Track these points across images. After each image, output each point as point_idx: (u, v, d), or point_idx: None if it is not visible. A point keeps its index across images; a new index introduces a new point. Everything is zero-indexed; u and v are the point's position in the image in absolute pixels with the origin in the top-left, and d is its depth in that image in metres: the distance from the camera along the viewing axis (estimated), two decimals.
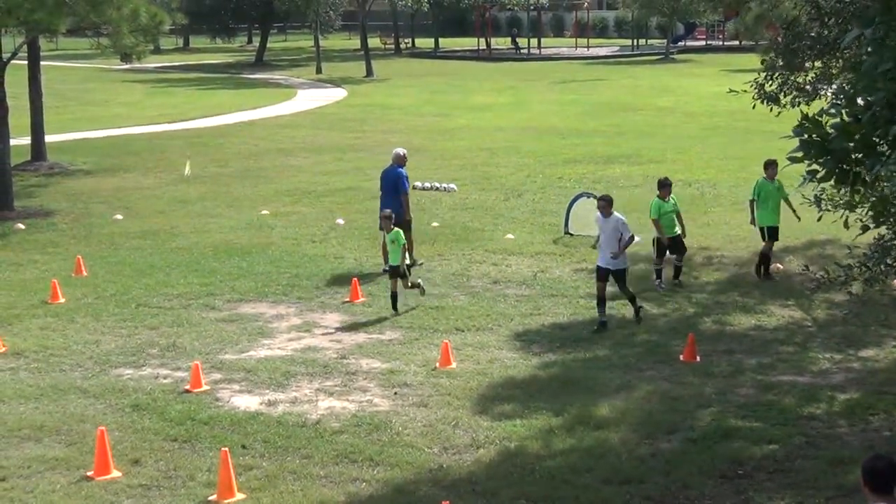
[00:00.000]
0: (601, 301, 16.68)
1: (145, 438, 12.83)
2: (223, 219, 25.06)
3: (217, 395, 14.22)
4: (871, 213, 11.04)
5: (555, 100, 49.65)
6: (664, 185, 18.96)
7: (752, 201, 19.33)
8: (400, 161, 20.66)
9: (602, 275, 16.70)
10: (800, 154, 9.47)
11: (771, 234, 19.12)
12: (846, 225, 11.28)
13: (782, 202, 19.09)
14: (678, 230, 18.94)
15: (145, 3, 26.44)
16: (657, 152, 33.55)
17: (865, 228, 11.49)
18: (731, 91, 18.94)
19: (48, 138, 33.20)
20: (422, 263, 20.36)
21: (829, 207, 12.44)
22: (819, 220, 13.19)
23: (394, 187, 20.32)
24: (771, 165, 18.86)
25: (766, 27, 28.20)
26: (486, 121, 42.21)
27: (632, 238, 16.83)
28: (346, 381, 14.67)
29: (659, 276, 18.97)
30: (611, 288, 16.75)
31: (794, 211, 18.63)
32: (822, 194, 12.23)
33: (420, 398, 13.98)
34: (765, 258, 19.19)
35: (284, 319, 17.51)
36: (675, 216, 18.94)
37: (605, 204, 16.73)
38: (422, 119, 43.13)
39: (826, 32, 17.55)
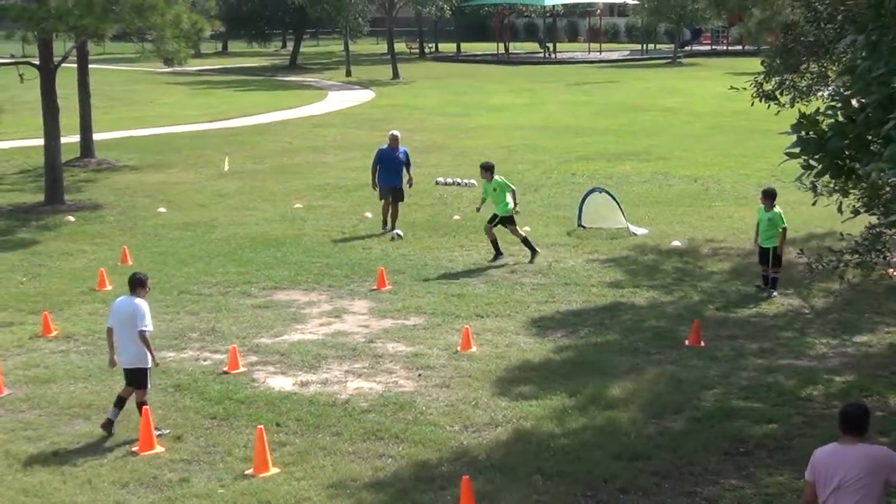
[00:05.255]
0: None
1: (186, 416, 12.91)
2: (259, 212, 25.10)
3: (253, 376, 14.27)
4: (862, 199, 11.00)
5: (569, 101, 49.48)
6: (766, 196, 17.73)
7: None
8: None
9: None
10: (797, 150, 9.45)
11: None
12: (839, 209, 11.24)
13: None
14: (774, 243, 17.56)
15: (187, 11, 26.48)
16: (665, 150, 33.43)
17: (856, 213, 11.45)
18: (731, 88, 18.85)
19: (96, 136, 33.29)
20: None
21: (824, 193, 12.41)
22: (814, 204, 13.12)
23: None
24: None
25: (768, 32, 28.03)
26: (505, 120, 42.11)
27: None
28: (374, 364, 14.71)
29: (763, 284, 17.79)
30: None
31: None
32: (817, 181, 12.17)
33: (442, 380, 14.00)
34: None
35: (316, 306, 17.54)
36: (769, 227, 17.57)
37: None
38: (444, 118, 43.05)
39: (822, 36, 17.46)
